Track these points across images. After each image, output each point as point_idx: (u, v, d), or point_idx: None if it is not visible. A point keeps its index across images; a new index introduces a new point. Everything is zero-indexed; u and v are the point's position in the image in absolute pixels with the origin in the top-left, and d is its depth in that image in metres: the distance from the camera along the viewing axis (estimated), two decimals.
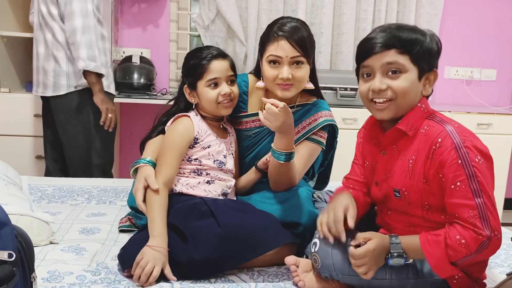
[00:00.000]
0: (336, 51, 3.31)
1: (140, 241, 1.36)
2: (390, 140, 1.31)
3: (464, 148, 1.17)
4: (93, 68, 2.26)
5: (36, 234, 1.43)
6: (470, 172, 1.16)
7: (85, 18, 2.24)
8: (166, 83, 3.36)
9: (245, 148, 1.68)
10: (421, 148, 1.24)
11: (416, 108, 1.27)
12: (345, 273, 1.24)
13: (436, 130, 1.22)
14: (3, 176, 1.79)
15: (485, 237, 1.13)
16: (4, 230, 0.91)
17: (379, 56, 1.24)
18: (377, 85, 1.24)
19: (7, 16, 2.80)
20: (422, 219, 1.28)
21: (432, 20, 3.29)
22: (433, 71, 1.28)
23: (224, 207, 1.44)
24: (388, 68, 1.24)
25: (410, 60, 1.23)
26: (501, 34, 3.48)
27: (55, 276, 1.28)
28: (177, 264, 1.33)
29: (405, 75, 1.23)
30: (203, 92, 1.53)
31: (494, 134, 3.08)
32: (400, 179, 1.28)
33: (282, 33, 1.52)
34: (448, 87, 3.52)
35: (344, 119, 2.93)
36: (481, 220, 1.14)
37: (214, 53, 1.54)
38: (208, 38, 3.23)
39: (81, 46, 2.23)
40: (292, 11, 3.21)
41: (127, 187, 2.03)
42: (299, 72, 1.53)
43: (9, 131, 2.78)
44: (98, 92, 2.32)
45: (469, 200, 1.15)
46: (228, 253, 1.32)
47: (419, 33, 1.25)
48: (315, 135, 1.62)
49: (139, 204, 1.44)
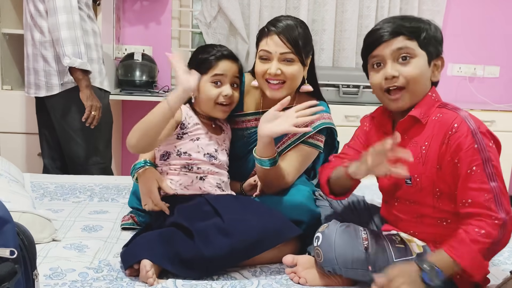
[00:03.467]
0: (339, 48, 3.30)
1: (143, 239, 1.36)
2: (403, 128, 1.31)
3: (480, 134, 1.19)
4: (78, 65, 2.21)
5: (38, 232, 1.44)
6: (485, 157, 1.17)
7: (69, 13, 2.18)
8: (168, 81, 3.36)
9: (241, 147, 1.66)
10: (435, 134, 1.25)
11: (427, 96, 1.30)
12: (348, 266, 1.23)
13: (451, 116, 1.24)
14: (5, 174, 1.79)
15: (501, 220, 1.14)
16: (6, 228, 0.91)
17: (388, 44, 1.26)
18: (390, 71, 1.26)
19: (9, 14, 2.80)
20: (431, 208, 1.27)
21: (435, 17, 3.28)
22: (440, 57, 1.31)
23: (227, 204, 1.43)
24: (399, 54, 1.26)
25: (418, 45, 1.26)
26: (504, 31, 3.46)
27: (57, 273, 1.28)
28: (183, 259, 1.30)
29: (415, 60, 1.26)
30: (205, 87, 1.52)
31: (498, 131, 3.01)
32: (412, 166, 1.26)
33: (274, 28, 1.50)
34: (451, 84, 3.51)
35: (347, 117, 2.92)
36: (496, 203, 1.15)
37: (225, 52, 1.54)
38: (210, 35, 3.23)
39: (66, 42, 2.18)
40: (294, 8, 3.20)
41: (129, 185, 2.03)
42: (289, 69, 1.49)
43: (11, 128, 2.79)
44: (85, 88, 2.27)
45: (484, 184, 1.16)
46: (235, 250, 1.30)
47: (422, 22, 1.29)
48: (311, 138, 1.58)
49: (158, 203, 1.44)
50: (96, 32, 2.41)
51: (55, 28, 2.19)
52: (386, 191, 1.39)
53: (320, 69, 1.69)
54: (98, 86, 2.39)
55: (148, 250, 1.30)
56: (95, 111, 2.31)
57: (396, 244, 1.26)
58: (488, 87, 3.53)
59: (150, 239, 1.35)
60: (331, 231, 1.27)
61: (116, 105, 3.18)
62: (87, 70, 2.26)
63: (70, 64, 2.20)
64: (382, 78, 1.28)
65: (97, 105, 2.32)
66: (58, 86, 2.32)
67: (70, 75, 2.26)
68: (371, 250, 1.23)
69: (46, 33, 2.27)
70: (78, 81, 2.26)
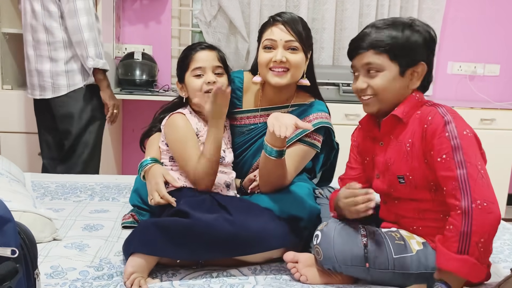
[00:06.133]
0: (339, 46, 3.30)
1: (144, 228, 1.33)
2: (387, 128, 1.34)
3: (453, 123, 1.21)
4: (102, 66, 2.27)
5: (39, 231, 1.44)
6: (455, 144, 1.19)
7: (89, 15, 2.22)
8: (168, 80, 3.36)
9: (238, 145, 1.67)
10: (416, 131, 1.28)
11: (411, 97, 1.32)
12: (347, 264, 1.24)
13: (427, 110, 1.28)
14: (6, 173, 1.79)
15: (460, 208, 1.14)
16: (7, 227, 0.91)
17: (360, 57, 1.33)
18: (359, 85, 1.34)
19: (9, 13, 2.80)
20: (431, 202, 1.29)
21: (435, 15, 3.27)
22: (419, 64, 1.30)
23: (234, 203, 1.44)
24: (368, 68, 1.32)
25: (388, 58, 1.29)
26: (505, 29, 3.46)
27: (58, 272, 1.29)
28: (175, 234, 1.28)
29: (383, 73, 1.31)
30: (189, 82, 1.54)
31: (498, 130, 3.07)
32: (401, 165, 1.30)
33: (279, 18, 1.54)
34: (451, 82, 3.51)
35: (347, 115, 2.92)
36: (461, 191, 1.15)
37: (203, 45, 1.57)
38: (210, 34, 3.23)
39: (89, 44, 2.23)
40: (294, 6, 3.20)
41: (130, 184, 2.03)
42: (293, 57, 1.53)
43: (12, 128, 2.78)
44: (106, 88, 2.35)
45: (451, 172, 1.18)
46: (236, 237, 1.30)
47: (399, 29, 1.29)
48: (309, 137, 1.58)
49: (164, 195, 1.44)
50: (101, 31, 2.43)
51: (76, 30, 2.22)
52: (382, 192, 1.40)
53: (320, 67, 1.70)
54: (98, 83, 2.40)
55: (139, 241, 1.29)
56: (117, 109, 2.41)
57: (395, 241, 1.27)
58: (488, 86, 3.53)
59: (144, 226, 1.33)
60: (330, 229, 1.28)
61: None
62: (107, 69, 2.33)
63: (94, 65, 2.25)
64: (357, 89, 1.36)
65: (117, 103, 2.42)
66: (66, 86, 2.34)
67: (92, 76, 2.32)
68: (370, 247, 1.23)
69: (57, 34, 2.28)
70: (100, 82, 2.33)
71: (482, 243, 1.13)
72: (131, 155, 3.36)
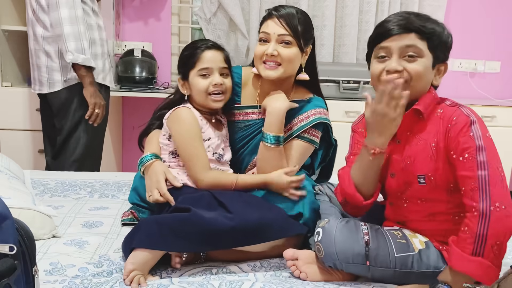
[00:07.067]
0: (339, 43, 3.30)
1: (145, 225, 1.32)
2: (407, 123, 1.30)
3: (477, 123, 1.20)
4: (81, 61, 2.17)
5: (39, 228, 1.43)
6: (479, 145, 1.18)
7: (71, 8, 2.15)
8: (168, 77, 3.35)
9: (237, 140, 1.66)
10: (440, 131, 1.26)
11: (429, 93, 1.30)
12: (348, 261, 1.23)
13: (451, 110, 1.26)
14: (6, 170, 1.79)
15: (477, 210, 1.13)
16: (5, 224, 0.91)
17: (398, 38, 1.26)
18: (394, 65, 1.26)
19: (8, 10, 2.79)
20: (446, 204, 1.27)
21: (436, 11, 3.26)
22: (445, 63, 1.31)
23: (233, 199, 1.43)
24: (406, 51, 1.26)
25: (427, 47, 1.26)
26: (505, 26, 3.45)
27: (57, 269, 1.28)
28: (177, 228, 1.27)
29: (422, 59, 1.26)
30: (194, 81, 1.53)
31: (498, 127, 3.06)
32: (424, 164, 1.27)
33: (275, 12, 1.54)
34: (452, 79, 3.50)
35: (347, 112, 2.92)
36: (480, 192, 1.14)
37: (209, 44, 1.55)
38: (210, 31, 3.22)
39: (69, 38, 2.15)
40: (295, 3, 3.19)
41: (130, 181, 2.03)
42: (285, 51, 1.51)
43: (11, 125, 2.79)
44: (88, 85, 2.24)
45: (472, 172, 1.17)
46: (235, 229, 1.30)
47: (437, 24, 1.29)
48: (307, 133, 1.58)
49: (165, 193, 1.44)
50: (101, 26, 2.37)
51: (57, 23, 2.16)
52: (394, 192, 1.36)
53: (321, 64, 1.68)
54: (100, 81, 2.37)
55: (141, 236, 1.29)
56: (99, 108, 2.28)
57: (397, 239, 1.26)
58: (489, 83, 3.52)
59: (144, 222, 1.33)
60: (332, 226, 1.27)
61: (116, 102, 3.18)
62: (91, 66, 2.23)
63: (72, 60, 2.17)
64: (384, 69, 1.28)
65: (101, 102, 2.29)
66: (60, 82, 2.29)
67: (73, 71, 2.23)
68: (372, 245, 1.23)
69: (49, 28, 2.23)
70: (82, 78, 2.23)
71: (498, 245, 1.12)
72: (131, 152, 3.36)
